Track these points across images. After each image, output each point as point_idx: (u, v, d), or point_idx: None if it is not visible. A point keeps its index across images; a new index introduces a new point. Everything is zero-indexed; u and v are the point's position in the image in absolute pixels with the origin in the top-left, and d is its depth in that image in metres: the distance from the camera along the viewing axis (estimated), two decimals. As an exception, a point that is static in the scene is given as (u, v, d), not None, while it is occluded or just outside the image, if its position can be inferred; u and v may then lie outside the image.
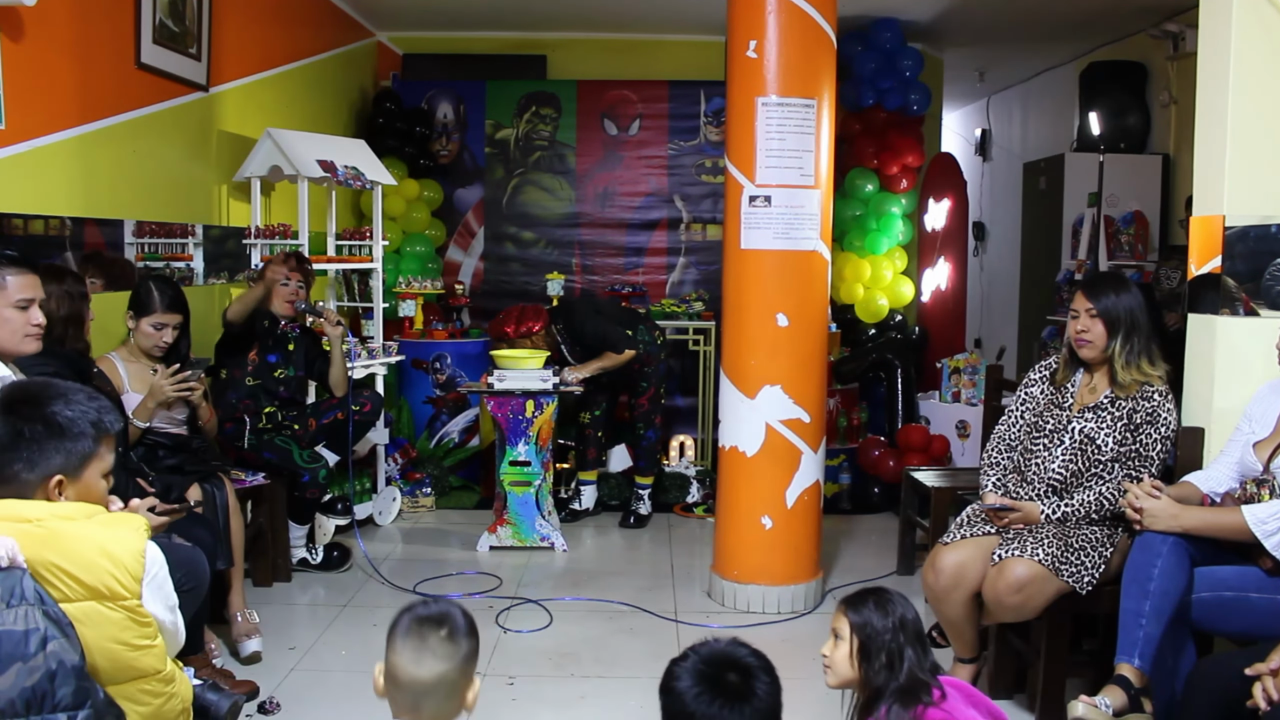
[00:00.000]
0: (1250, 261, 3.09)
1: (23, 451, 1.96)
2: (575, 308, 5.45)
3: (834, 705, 3.30)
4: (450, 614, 1.80)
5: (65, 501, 2.00)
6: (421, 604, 1.83)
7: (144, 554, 1.96)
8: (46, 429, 1.98)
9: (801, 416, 4.04)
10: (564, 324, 5.31)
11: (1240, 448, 2.88)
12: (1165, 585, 2.66)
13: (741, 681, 1.65)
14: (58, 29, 3.50)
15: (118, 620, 1.93)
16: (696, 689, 1.65)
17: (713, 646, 1.72)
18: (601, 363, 5.18)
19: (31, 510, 1.92)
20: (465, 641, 1.79)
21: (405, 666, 1.76)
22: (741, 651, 1.71)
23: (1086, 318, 3.14)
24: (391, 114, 6.54)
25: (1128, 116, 6.72)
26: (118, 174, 3.94)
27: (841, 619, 2.06)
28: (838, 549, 4.94)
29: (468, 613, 1.86)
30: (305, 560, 4.46)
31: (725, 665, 1.67)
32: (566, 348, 5.31)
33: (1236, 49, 3.07)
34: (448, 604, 1.83)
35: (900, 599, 2.06)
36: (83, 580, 1.89)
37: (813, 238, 4.02)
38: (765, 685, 1.67)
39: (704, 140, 6.81)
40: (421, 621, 1.78)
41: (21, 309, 2.60)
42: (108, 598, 1.91)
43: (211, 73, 4.56)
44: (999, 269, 8.78)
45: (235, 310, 4.13)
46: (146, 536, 2.00)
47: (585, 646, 3.76)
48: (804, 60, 3.95)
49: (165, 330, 3.60)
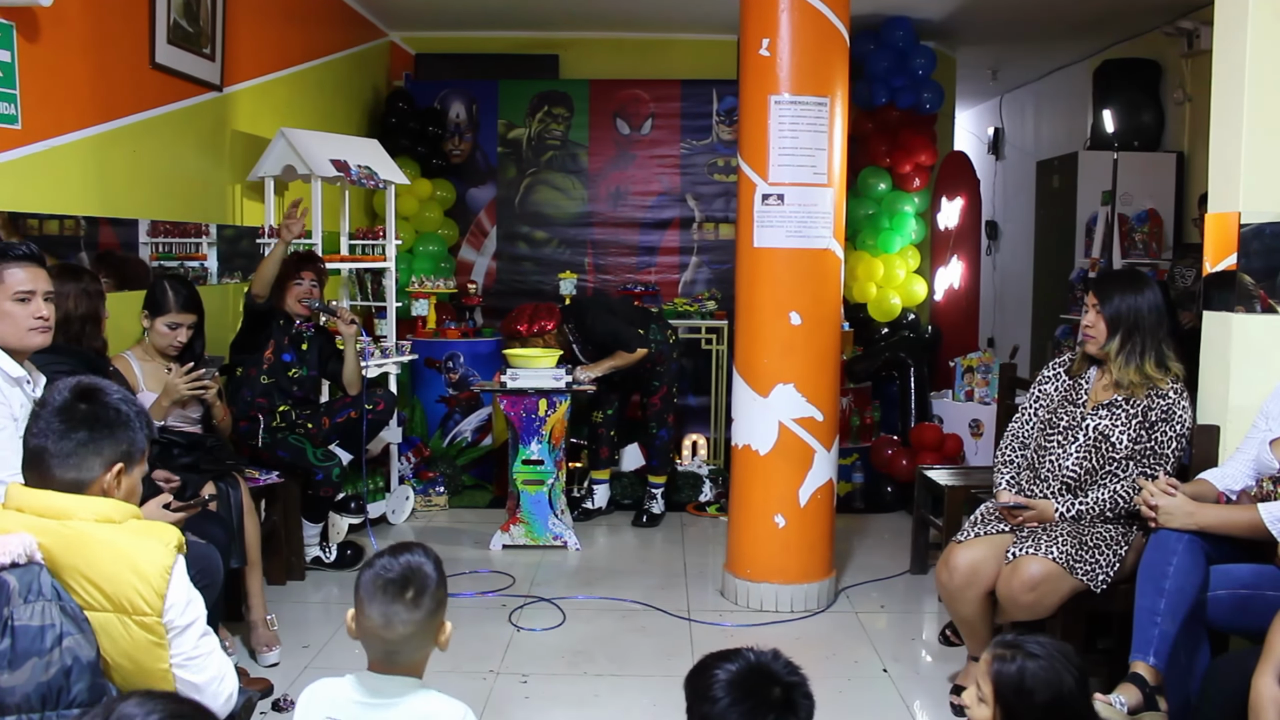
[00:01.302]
0: (1266, 258, 3.08)
1: (99, 437, 1.97)
2: (587, 307, 5.45)
3: (843, 706, 3.30)
4: (415, 571, 1.81)
5: (112, 498, 1.98)
6: (385, 559, 1.83)
7: (170, 570, 1.92)
8: (118, 415, 2.00)
9: (814, 415, 4.04)
10: (576, 323, 5.31)
11: (1257, 445, 2.87)
12: (1180, 583, 2.65)
13: (784, 697, 1.59)
14: (73, 29, 3.51)
15: (136, 638, 1.90)
16: (743, 706, 1.57)
17: (757, 658, 1.64)
18: (614, 361, 5.18)
19: (66, 505, 1.90)
20: (432, 597, 1.81)
21: (373, 629, 1.80)
22: (781, 667, 1.64)
23: (1093, 313, 3.15)
24: (404, 114, 6.56)
25: (1142, 114, 6.69)
26: (132, 174, 3.96)
27: (986, 679, 1.85)
28: (851, 548, 4.93)
29: (434, 557, 1.87)
30: (319, 559, 4.47)
31: (767, 680, 1.61)
32: (578, 347, 5.32)
33: (1252, 46, 3.05)
34: (411, 557, 1.83)
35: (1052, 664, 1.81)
36: (107, 591, 1.88)
37: (825, 236, 4.02)
38: (806, 708, 1.61)
39: (716, 139, 6.81)
40: (386, 586, 1.79)
41: (22, 301, 2.53)
42: (129, 612, 1.89)
43: (225, 73, 4.58)
44: (1012, 267, 8.75)
45: (259, 282, 4.15)
46: (177, 550, 1.97)
47: (598, 645, 3.76)
48: (817, 58, 3.94)
49: (180, 330, 3.61)
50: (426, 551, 1.87)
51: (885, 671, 3.56)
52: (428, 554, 1.87)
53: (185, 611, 1.96)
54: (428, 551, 1.88)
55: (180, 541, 1.99)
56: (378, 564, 1.83)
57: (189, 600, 1.97)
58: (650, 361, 5.29)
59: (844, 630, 3.95)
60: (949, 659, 3.56)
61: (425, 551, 1.87)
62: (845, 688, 3.43)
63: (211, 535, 3.05)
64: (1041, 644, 1.83)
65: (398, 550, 1.85)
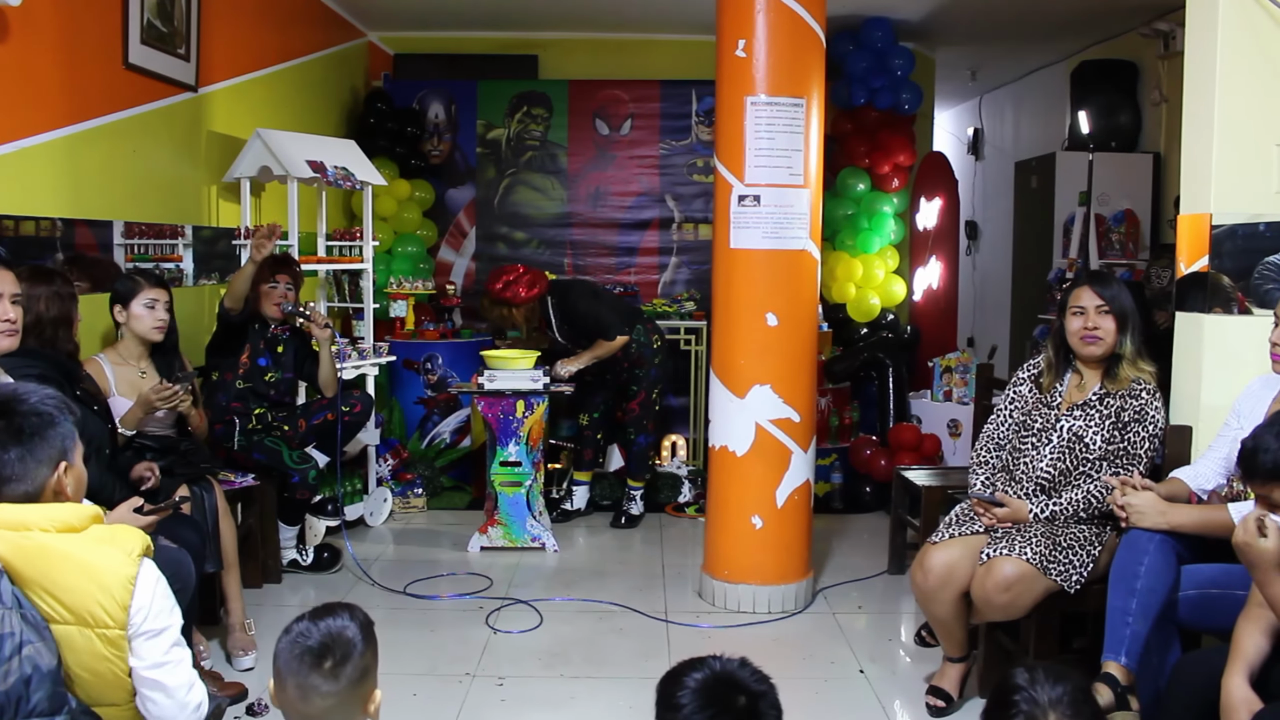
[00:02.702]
0: (1238, 260, 3.10)
1: (33, 445, 1.92)
2: (574, 287, 5.42)
3: (820, 706, 3.31)
4: (335, 638, 1.67)
5: (69, 497, 1.96)
6: (304, 625, 1.69)
7: (134, 580, 1.88)
8: (41, 418, 1.94)
9: (791, 416, 4.04)
10: (558, 299, 5.26)
11: (1229, 443, 2.88)
12: (1152, 583, 2.67)
13: (749, 706, 1.56)
14: (44, 29, 3.48)
15: (97, 651, 1.87)
16: (705, 714, 1.55)
17: (723, 666, 1.61)
18: (594, 352, 5.16)
19: (24, 517, 1.86)
20: (355, 666, 1.67)
21: (291, 701, 1.65)
22: (748, 676, 1.61)
23: (1095, 314, 3.11)
24: (383, 114, 6.53)
25: (1119, 115, 6.73)
26: (106, 175, 3.93)
27: None
28: (829, 548, 4.94)
29: (361, 619, 1.72)
30: (295, 562, 4.45)
31: (733, 689, 1.58)
32: (555, 324, 5.27)
33: (1223, 48, 3.07)
34: (332, 621, 1.69)
35: None
36: (68, 604, 1.85)
37: (802, 237, 4.02)
38: (772, 717, 1.58)
39: (695, 140, 6.81)
40: (302, 655, 1.65)
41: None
42: (92, 625, 1.86)
43: (200, 73, 4.55)
44: (991, 268, 8.79)
45: (230, 298, 4.12)
46: (141, 556, 1.92)
47: (575, 647, 3.75)
48: (793, 59, 3.95)
49: (158, 307, 3.56)
50: (354, 613, 1.72)
51: (862, 672, 3.56)
52: (354, 615, 1.72)
53: (157, 616, 1.92)
54: (355, 613, 1.73)
55: (146, 545, 1.95)
56: (295, 630, 1.68)
57: (162, 608, 1.94)
58: (629, 361, 5.28)
59: (821, 631, 3.96)
60: (926, 659, 3.57)
61: (352, 613, 1.72)
62: (822, 688, 3.44)
63: (184, 539, 3.03)
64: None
65: (320, 614, 1.70)
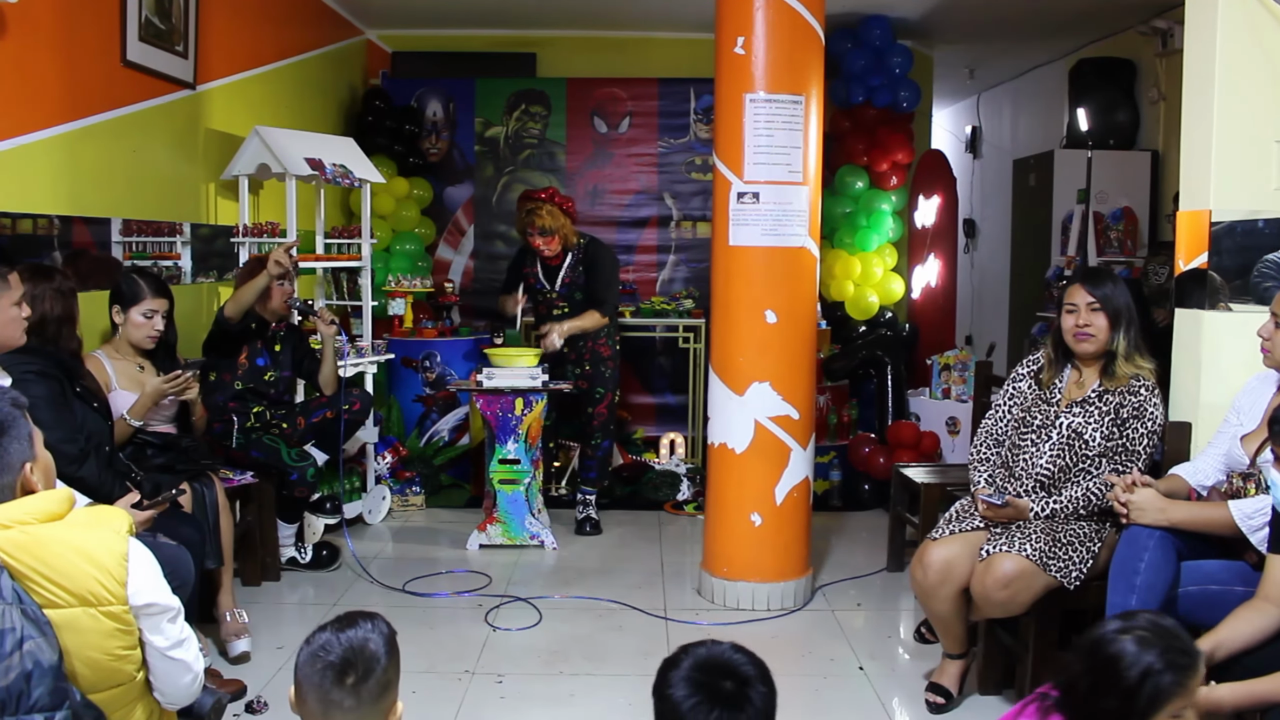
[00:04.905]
0: (1237, 256, 3.10)
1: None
2: (607, 249, 5.32)
3: (819, 704, 3.31)
4: (358, 652, 1.64)
5: (41, 487, 1.98)
6: (327, 636, 1.66)
7: (127, 556, 1.93)
8: (1, 421, 1.94)
9: (790, 413, 4.04)
10: (589, 248, 5.17)
11: (1228, 440, 2.89)
12: (1151, 579, 2.67)
13: (737, 690, 1.58)
14: (42, 26, 3.48)
15: (105, 629, 1.90)
16: (694, 698, 1.57)
17: (710, 650, 1.64)
18: (582, 322, 5.08)
19: (9, 514, 1.88)
20: (379, 681, 1.65)
21: (312, 714, 1.64)
22: (739, 659, 1.63)
23: (1087, 311, 3.11)
24: (381, 112, 6.53)
25: (1117, 113, 6.73)
26: (104, 172, 3.92)
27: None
28: (828, 546, 4.94)
29: (384, 630, 1.70)
30: (294, 559, 4.44)
31: (722, 673, 1.60)
32: (568, 266, 5.15)
33: (1222, 45, 3.08)
34: (355, 633, 1.66)
35: None
36: (68, 588, 1.87)
37: (801, 234, 4.02)
38: (762, 695, 1.59)
39: (694, 137, 6.81)
40: (325, 669, 1.63)
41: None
42: (94, 604, 1.89)
43: (199, 70, 4.54)
44: (989, 265, 8.79)
45: (233, 307, 4.10)
46: (128, 534, 1.97)
47: (575, 644, 3.75)
48: (792, 57, 3.95)
49: (155, 318, 3.58)
50: (376, 623, 1.70)
51: (861, 669, 3.56)
52: (377, 626, 1.69)
53: (160, 593, 1.97)
54: (378, 623, 1.70)
55: (130, 523, 1.99)
56: (317, 641, 1.66)
57: (159, 583, 1.99)
58: (590, 355, 5.22)
59: (820, 628, 3.96)
60: (925, 656, 3.57)
61: (375, 624, 1.69)
62: (821, 686, 3.44)
63: (183, 535, 3.03)
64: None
65: (343, 624, 1.68)
